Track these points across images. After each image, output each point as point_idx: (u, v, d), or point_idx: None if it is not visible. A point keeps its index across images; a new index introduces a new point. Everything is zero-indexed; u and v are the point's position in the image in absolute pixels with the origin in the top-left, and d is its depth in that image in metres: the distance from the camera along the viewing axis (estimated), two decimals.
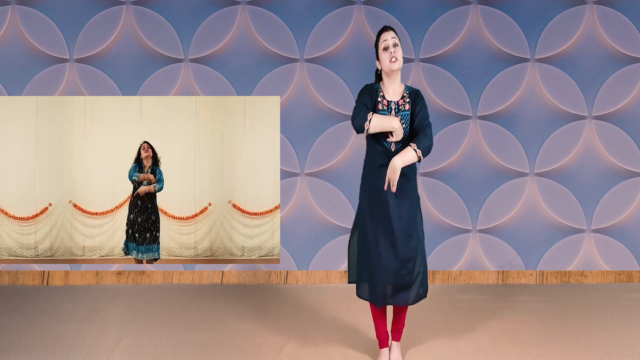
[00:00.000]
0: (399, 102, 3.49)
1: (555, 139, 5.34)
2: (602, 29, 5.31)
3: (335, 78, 5.31)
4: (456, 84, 5.32)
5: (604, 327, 4.29)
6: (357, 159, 5.19)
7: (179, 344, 3.98)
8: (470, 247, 5.35)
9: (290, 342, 4.01)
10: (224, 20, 5.30)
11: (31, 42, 5.26)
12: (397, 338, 3.73)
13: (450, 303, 4.82)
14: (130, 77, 5.28)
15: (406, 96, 3.51)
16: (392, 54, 3.40)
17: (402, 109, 3.48)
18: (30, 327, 4.27)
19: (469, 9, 5.32)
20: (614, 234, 5.36)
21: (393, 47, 3.42)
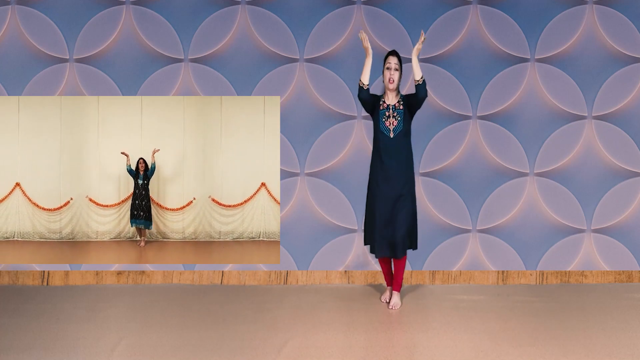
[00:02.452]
0: (395, 104, 4.58)
1: (555, 139, 5.34)
2: (602, 29, 5.31)
3: (335, 78, 5.31)
4: (456, 84, 5.32)
5: (604, 327, 4.29)
6: (357, 159, 5.19)
7: (179, 344, 3.98)
8: (470, 247, 5.35)
9: (289, 342, 4.01)
10: (224, 20, 5.30)
11: (31, 42, 5.27)
12: (396, 288, 4.72)
13: (450, 303, 4.82)
14: (130, 77, 5.29)
15: (401, 101, 4.60)
16: (391, 76, 4.54)
17: (397, 108, 4.58)
18: (30, 327, 4.27)
19: (469, 9, 5.32)
20: (614, 234, 5.36)
21: (394, 70, 4.54)
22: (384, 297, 4.86)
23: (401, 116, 4.54)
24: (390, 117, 4.53)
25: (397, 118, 4.53)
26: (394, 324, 4.37)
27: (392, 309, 4.62)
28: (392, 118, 4.53)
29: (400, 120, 4.54)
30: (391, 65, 4.54)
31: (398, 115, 4.54)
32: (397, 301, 4.68)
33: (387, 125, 4.53)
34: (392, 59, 4.55)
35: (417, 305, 4.76)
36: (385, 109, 4.55)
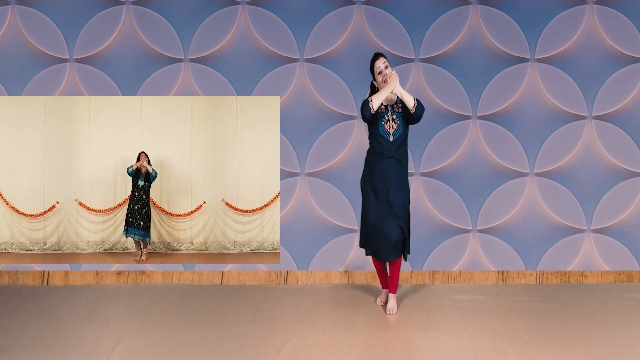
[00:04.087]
0: (393, 106, 4.51)
1: (555, 139, 5.34)
2: (602, 29, 5.31)
3: (335, 78, 5.31)
4: (456, 84, 5.32)
5: (604, 327, 4.29)
6: (357, 159, 5.19)
7: (179, 344, 3.98)
8: (470, 247, 5.35)
9: (289, 343, 4.01)
10: (224, 20, 5.30)
11: (31, 42, 5.27)
12: (392, 291, 4.64)
13: (450, 303, 4.82)
14: (130, 77, 5.29)
15: (399, 102, 4.52)
16: (385, 75, 4.43)
17: (396, 110, 4.50)
18: (30, 327, 4.27)
19: (469, 9, 5.32)
20: (614, 234, 5.36)
21: (385, 69, 4.43)
22: (379, 299, 4.82)
23: (400, 120, 4.47)
24: (390, 120, 4.47)
25: (397, 122, 4.46)
26: (394, 323, 4.37)
27: (390, 314, 4.57)
28: (391, 122, 4.46)
29: (400, 124, 4.47)
30: (381, 67, 4.43)
31: (397, 119, 4.47)
32: (393, 305, 4.60)
33: (387, 129, 4.46)
34: (379, 62, 4.45)
35: (417, 305, 4.76)
36: (384, 111, 4.47)
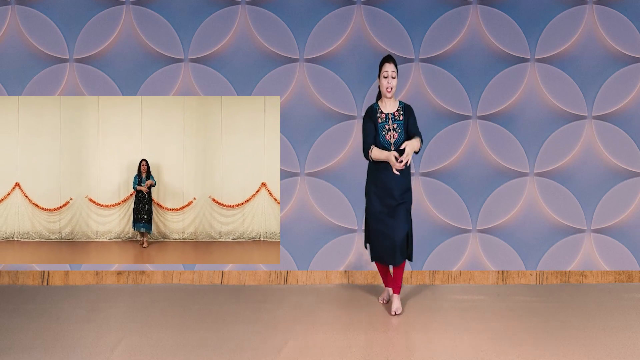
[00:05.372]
0: (394, 113, 4.49)
1: (555, 139, 5.34)
2: (602, 29, 5.31)
3: (335, 78, 5.31)
4: (456, 84, 5.32)
5: (604, 327, 4.29)
6: (357, 159, 5.19)
7: (179, 344, 3.98)
8: (470, 247, 5.35)
9: (289, 343, 4.01)
10: (224, 20, 5.30)
11: (31, 42, 5.26)
12: (396, 291, 4.62)
13: (450, 303, 4.82)
14: (130, 77, 5.29)
15: (400, 109, 4.50)
16: (389, 84, 4.41)
17: (397, 118, 4.48)
18: (30, 327, 4.27)
19: (469, 9, 5.32)
20: (614, 234, 5.36)
21: (391, 78, 4.41)
22: (382, 297, 4.84)
23: (401, 128, 4.44)
24: (391, 129, 4.42)
25: (398, 130, 4.43)
26: (394, 324, 4.37)
27: (395, 314, 4.53)
28: (392, 131, 4.42)
29: (401, 132, 4.44)
30: (388, 74, 4.41)
31: (398, 128, 4.44)
32: (398, 306, 4.56)
33: (388, 139, 4.42)
34: (389, 66, 4.41)
35: (417, 305, 4.76)
36: (385, 120, 4.44)
